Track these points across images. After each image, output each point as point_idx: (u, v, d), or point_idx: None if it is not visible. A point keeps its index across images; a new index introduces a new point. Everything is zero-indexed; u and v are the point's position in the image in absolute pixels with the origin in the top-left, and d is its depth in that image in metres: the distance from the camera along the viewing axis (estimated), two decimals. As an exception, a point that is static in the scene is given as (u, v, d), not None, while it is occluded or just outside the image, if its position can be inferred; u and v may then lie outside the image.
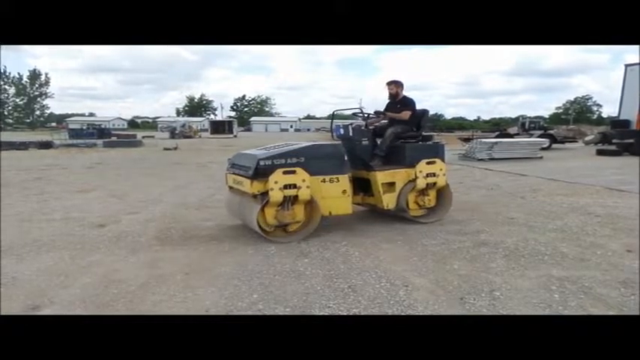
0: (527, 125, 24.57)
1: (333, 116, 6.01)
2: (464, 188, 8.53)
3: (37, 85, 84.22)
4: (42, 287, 3.40)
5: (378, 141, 5.57)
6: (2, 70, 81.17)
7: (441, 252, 4.29)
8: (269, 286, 3.42)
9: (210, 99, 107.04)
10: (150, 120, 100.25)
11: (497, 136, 20.94)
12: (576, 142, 23.06)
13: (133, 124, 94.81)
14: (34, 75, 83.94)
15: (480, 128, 60.54)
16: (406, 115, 5.53)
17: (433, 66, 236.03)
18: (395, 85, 5.69)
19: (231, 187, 5.13)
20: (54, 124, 76.36)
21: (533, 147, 16.11)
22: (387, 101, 5.85)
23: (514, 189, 8.35)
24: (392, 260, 4.04)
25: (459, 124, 79.85)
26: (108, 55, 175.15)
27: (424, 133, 5.88)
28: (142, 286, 3.43)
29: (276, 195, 4.38)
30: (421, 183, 5.26)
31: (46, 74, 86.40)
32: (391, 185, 5.21)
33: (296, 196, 4.48)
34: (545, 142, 18.30)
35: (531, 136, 20.95)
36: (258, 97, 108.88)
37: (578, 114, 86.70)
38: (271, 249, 4.38)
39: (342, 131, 5.36)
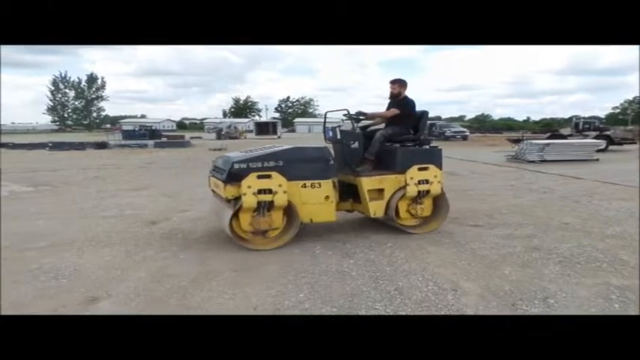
0: (581, 126, 23.51)
1: (325, 118, 5.69)
2: (514, 191, 8.25)
3: (94, 89, 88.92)
4: (100, 280, 3.58)
5: None
6: (63, 75, 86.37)
7: (490, 256, 4.17)
8: (315, 286, 3.44)
9: (255, 100, 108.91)
10: (197, 121, 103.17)
11: (548, 137, 20.11)
12: (635, 143, 21.70)
13: (181, 125, 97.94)
14: (92, 79, 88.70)
15: (530, 129, 58.30)
16: (391, 112, 5.14)
17: (481, 65, 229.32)
18: (398, 85, 5.26)
19: (213, 191, 4.96)
20: (109, 125, 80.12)
21: (588, 149, 15.33)
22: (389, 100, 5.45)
23: (568, 193, 7.99)
24: (439, 263, 3.97)
25: (507, 125, 77.02)
26: (159, 59, 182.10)
27: (422, 137, 5.43)
28: (193, 282, 3.54)
29: (249, 200, 4.18)
30: (412, 190, 4.83)
31: (102, 78, 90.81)
32: (380, 192, 4.86)
33: (272, 202, 4.27)
34: (602, 143, 17.37)
35: (586, 137, 19.99)
36: (302, 98, 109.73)
37: (638, 114, 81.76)
38: (317, 249, 4.40)
39: (331, 134, 5.11)
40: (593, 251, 4.29)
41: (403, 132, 5.22)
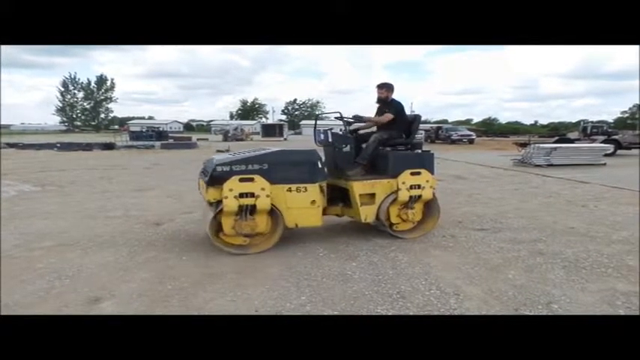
0: (589, 130, 23.42)
1: (316, 121, 5.58)
2: (520, 195, 8.20)
3: (103, 90, 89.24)
4: (103, 281, 3.59)
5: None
6: (73, 76, 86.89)
7: (494, 260, 4.14)
8: (317, 289, 3.43)
9: (262, 103, 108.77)
10: (204, 123, 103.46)
11: (556, 141, 20.00)
12: (644, 148, 21.52)
13: (188, 127, 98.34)
14: (101, 80, 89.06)
15: (537, 133, 57.96)
16: (386, 117, 5.05)
17: (487, 69, 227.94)
18: (386, 89, 5.20)
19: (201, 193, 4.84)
20: (116, 126, 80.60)
21: (596, 153, 15.22)
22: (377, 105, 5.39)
23: (574, 197, 7.93)
24: (442, 267, 3.95)
25: (514, 129, 76.50)
26: (168, 61, 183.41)
27: (414, 141, 5.36)
28: (195, 283, 3.54)
29: (230, 203, 4.11)
30: (404, 195, 4.75)
31: (112, 80, 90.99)
32: (371, 197, 4.76)
33: (254, 206, 4.19)
34: (610, 147, 17.27)
35: (594, 141, 19.86)
36: (309, 100, 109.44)
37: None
38: (319, 251, 4.40)
39: (322, 136, 5.02)
40: (598, 256, 4.25)
41: (396, 136, 5.17)
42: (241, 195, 4.14)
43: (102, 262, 4.06)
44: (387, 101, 5.23)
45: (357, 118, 5.18)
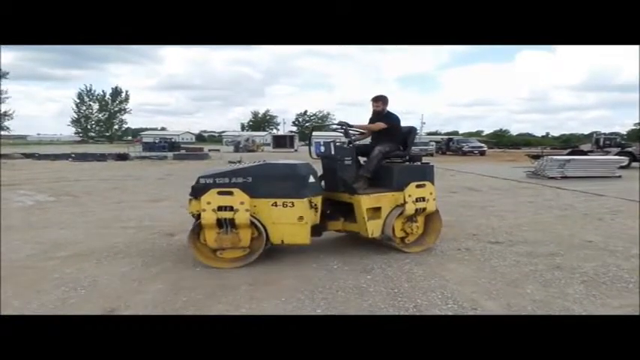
0: (602, 142, 23.13)
1: (311, 132, 5.44)
2: (534, 208, 8.10)
3: (117, 102, 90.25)
4: (118, 292, 3.60)
5: (361, 160, 5.03)
6: (88, 88, 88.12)
7: (511, 274, 4.08)
8: (332, 302, 3.40)
9: (273, 114, 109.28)
10: (216, 134, 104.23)
11: (569, 153, 19.81)
12: (660, 160, 21.18)
13: (200, 137, 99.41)
14: (116, 92, 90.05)
15: (549, 145, 57.51)
16: (378, 126, 4.93)
17: (496, 81, 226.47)
18: (382, 102, 5.06)
19: None
20: (130, 137, 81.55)
21: (611, 165, 15.03)
22: (370, 117, 5.26)
23: (590, 210, 7.81)
24: (459, 281, 3.89)
25: (525, 141, 75.97)
26: (180, 74, 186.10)
27: (412, 153, 5.25)
28: (209, 295, 3.53)
29: (208, 217, 4.06)
30: (410, 208, 4.64)
31: (127, 92, 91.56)
32: (376, 211, 4.60)
33: (233, 220, 4.10)
34: (624, 160, 17.01)
35: (607, 153, 19.64)
36: (319, 112, 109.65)
37: (662, 130, 79.80)
38: (334, 264, 4.37)
39: (322, 149, 4.85)
40: (618, 271, 4.16)
41: (396, 148, 5.08)
42: (220, 208, 4.09)
43: (117, 273, 4.07)
44: (382, 114, 5.11)
45: (343, 124, 4.91)
